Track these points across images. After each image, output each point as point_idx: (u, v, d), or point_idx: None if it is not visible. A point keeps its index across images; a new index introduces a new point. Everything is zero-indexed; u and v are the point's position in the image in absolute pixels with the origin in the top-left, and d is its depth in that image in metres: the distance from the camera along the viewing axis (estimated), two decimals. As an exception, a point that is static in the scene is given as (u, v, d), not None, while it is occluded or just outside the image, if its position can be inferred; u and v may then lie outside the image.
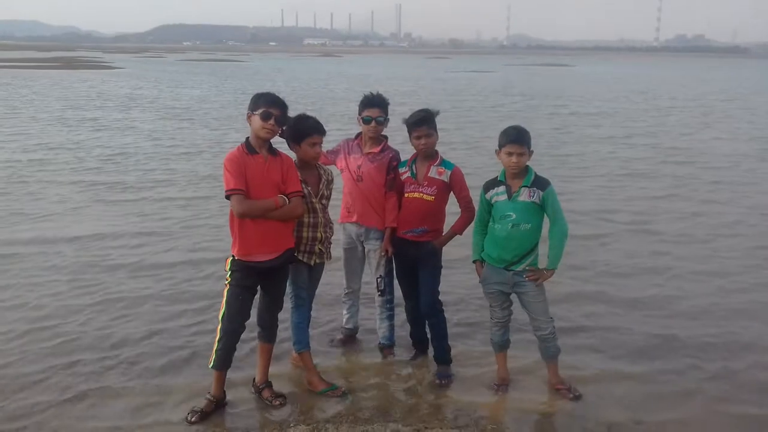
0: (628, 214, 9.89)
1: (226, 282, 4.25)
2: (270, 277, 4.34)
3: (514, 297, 4.61)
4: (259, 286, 4.38)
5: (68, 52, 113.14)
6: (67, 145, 15.52)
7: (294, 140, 4.50)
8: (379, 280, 4.92)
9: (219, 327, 4.25)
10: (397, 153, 4.92)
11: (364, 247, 5.02)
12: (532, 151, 4.37)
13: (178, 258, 7.59)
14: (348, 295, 5.27)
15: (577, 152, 15.82)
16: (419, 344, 5.15)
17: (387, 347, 5.17)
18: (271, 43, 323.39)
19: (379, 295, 4.97)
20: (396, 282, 5.11)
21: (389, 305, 5.12)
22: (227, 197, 4.12)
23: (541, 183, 4.35)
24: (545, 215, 4.39)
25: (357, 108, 4.90)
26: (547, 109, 26.28)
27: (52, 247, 7.82)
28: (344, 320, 5.37)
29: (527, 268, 4.42)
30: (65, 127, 18.86)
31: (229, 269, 4.24)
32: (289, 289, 4.61)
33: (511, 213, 4.34)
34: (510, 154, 4.28)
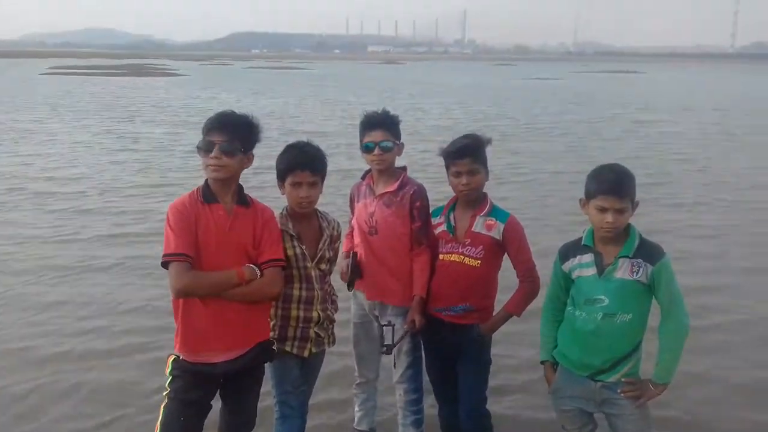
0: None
1: (164, 393, 2.85)
2: (232, 385, 2.93)
3: (599, 417, 3.06)
4: (218, 396, 2.98)
5: (140, 60, 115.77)
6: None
7: (278, 178, 3.21)
8: (384, 328, 3.31)
9: (150, 463, 2.85)
10: (420, 188, 3.47)
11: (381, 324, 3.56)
12: (637, 203, 2.83)
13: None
14: (360, 386, 3.81)
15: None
16: (458, 462, 3.63)
17: (413, 463, 3.66)
18: (336, 51, 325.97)
19: (383, 351, 3.35)
20: (426, 376, 3.62)
21: (416, 407, 3.62)
22: (164, 265, 2.74)
23: (649, 252, 2.80)
24: (654, 301, 2.86)
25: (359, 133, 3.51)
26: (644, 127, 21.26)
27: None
28: (356, 420, 3.89)
29: (624, 379, 2.87)
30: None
31: (169, 373, 2.84)
32: (272, 393, 3.22)
33: (603, 296, 2.81)
34: (603, 209, 2.76)
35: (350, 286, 3.58)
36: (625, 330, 2.82)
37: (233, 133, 2.80)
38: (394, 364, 3.54)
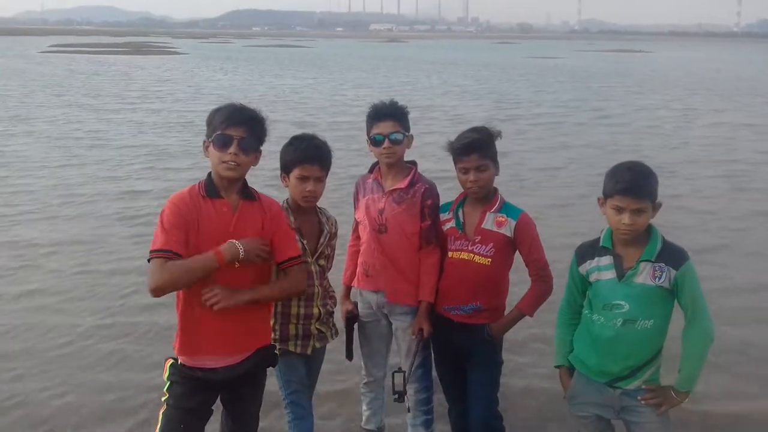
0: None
1: (163, 399, 2.74)
2: (233, 392, 2.81)
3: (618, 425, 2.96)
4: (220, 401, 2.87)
5: (140, 38, 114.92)
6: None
7: (283, 170, 3.13)
8: (395, 375, 3.21)
9: (148, 472, 2.75)
10: (432, 186, 3.34)
11: (390, 321, 3.46)
12: (660, 204, 2.69)
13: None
14: (369, 385, 3.70)
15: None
16: (469, 464, 3.54)
17: (422, 464, 3.56)
18: (338, 29, 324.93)
19: (395, 398, 3.24)
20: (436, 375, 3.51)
21: (426, 406, 3.51)
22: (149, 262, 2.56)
23: (672, 256, 2.67)
24: (675, 306, 2.73)
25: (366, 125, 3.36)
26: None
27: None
28: (364, 419, 3.79)
29: (644, 386, 2.76)
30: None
31: (167, 378, 2.73)
32: (280, 394, 3.18)
33: (623, 302, 2.68)
34: (619, 209, 2.63)
35: (349, 355, 3.52)
36: (646, 336, 2.69)
37: (251, 129, 2.65)
38: (403, 362, 3.44)
